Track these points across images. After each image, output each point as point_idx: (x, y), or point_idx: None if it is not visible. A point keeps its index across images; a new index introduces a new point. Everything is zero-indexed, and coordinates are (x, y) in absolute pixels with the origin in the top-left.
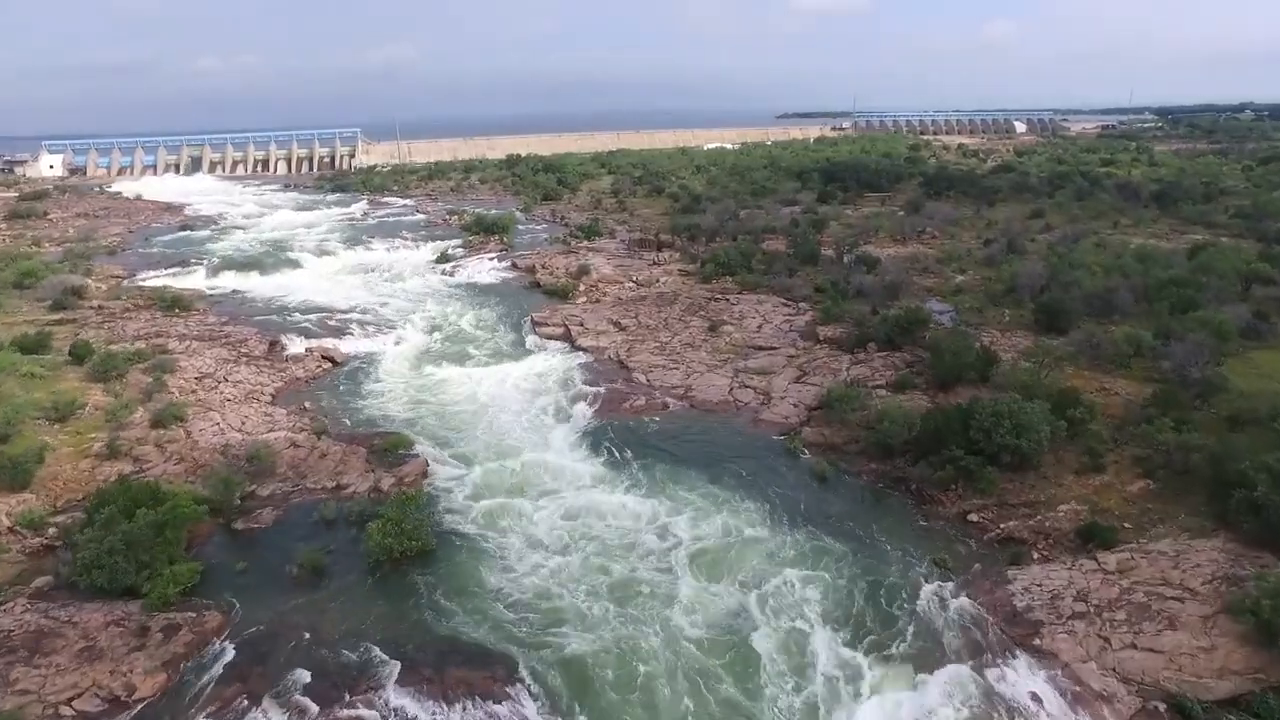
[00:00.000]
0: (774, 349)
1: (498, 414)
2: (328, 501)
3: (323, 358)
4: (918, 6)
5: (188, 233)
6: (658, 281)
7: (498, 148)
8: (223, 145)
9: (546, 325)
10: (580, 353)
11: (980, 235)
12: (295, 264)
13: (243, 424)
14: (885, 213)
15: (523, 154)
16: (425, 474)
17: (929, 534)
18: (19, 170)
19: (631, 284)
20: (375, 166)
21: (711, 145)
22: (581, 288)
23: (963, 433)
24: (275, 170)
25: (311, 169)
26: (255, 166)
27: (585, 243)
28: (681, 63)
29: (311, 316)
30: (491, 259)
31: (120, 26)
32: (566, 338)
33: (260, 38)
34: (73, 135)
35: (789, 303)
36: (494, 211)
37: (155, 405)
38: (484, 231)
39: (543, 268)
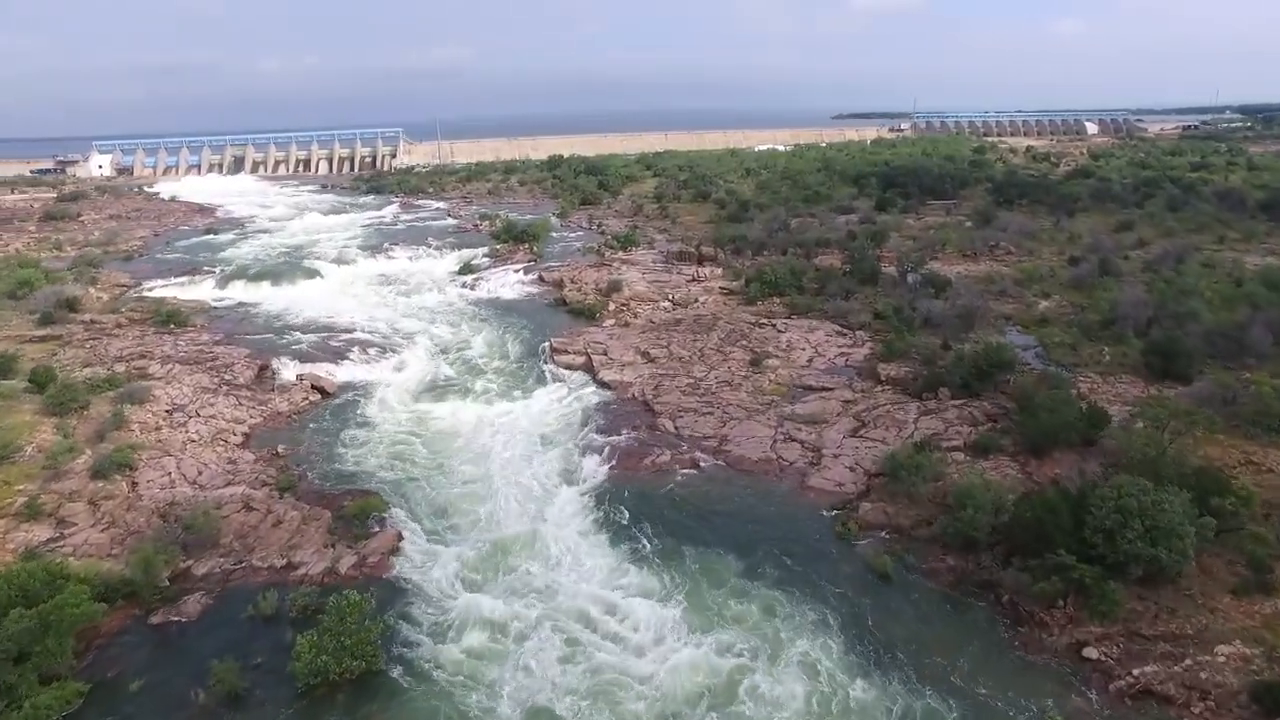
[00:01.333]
0: (827, 390)
1: (496, 467)
2: (269, 590)
3: (312, 388)
4: (979, 6)
5: (211, 236)
6: (696, 301)
7: (541, 148)
8: (265, 145)
9: (566, 353)
10: (601, 388)
11: (1063, 251)
12: (310, 273)
13: (199, 474)
14: (951, 223)
15: (566, 155)
16: (395, 551)
17: (1030, 674)
18: (70, 170)
19: (667, 304)
20: (414, 167)
21: (763, 147)
22: (611, 307)
23: (1073, 530)
24: (316, 170)
25: (353, 169)
26: (297, 166)
27: (620, 253)
28: (733, 63)
29: (312, 336)
30: (518, 271)
31: (188, 29)
32: (587, 368)
33: (320, 39)
34: (142, 134)
35: (845, 330)
36: (527, 217)
37: (103, 449)
38: (513, 240)
39: (571, 282)
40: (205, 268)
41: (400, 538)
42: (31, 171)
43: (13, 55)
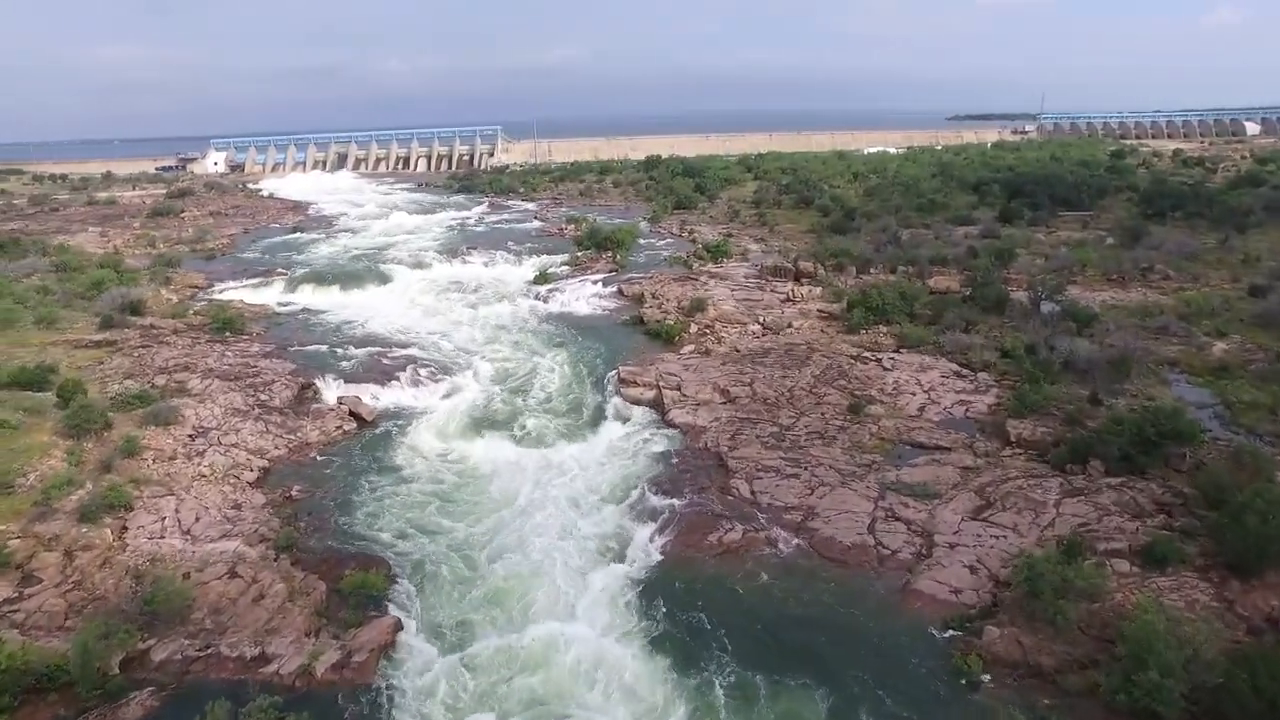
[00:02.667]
0: (941, 451)
1: (531, 531)
2: (220, 701)
3: (350, 414)
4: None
5: (297, 235)
6: (789, 326)
7: (641, 148)
8: (367, 143)
9: (635, 384)
10: (669, 431)
11: (1238, 277)
12: (382, 278)
13: (196, 521)
14: (1090, 240)
15: (664, 155)
16: (388, 647)
17: None
18: (189, 168)
19: (756, 327)
20: (508, 167)
21: (872, 149)
22: (692, 329)
23: None
24: (415, 168)
25: (450, 167)
26: (396, 164)
27: (710, 265)
28: (845, 62)
29: (365, 351)
30: (596, 282)
31: (319, 33)
32: (657, 404)
33: (442, 41)
34: (276, 131)
35: (964, 371)
36: (616, 221)
37: (103, 483)
38: (595, 247)
39: (652, 298)
40: (279, 269)
41: (399, 628)
42: (156, 169)
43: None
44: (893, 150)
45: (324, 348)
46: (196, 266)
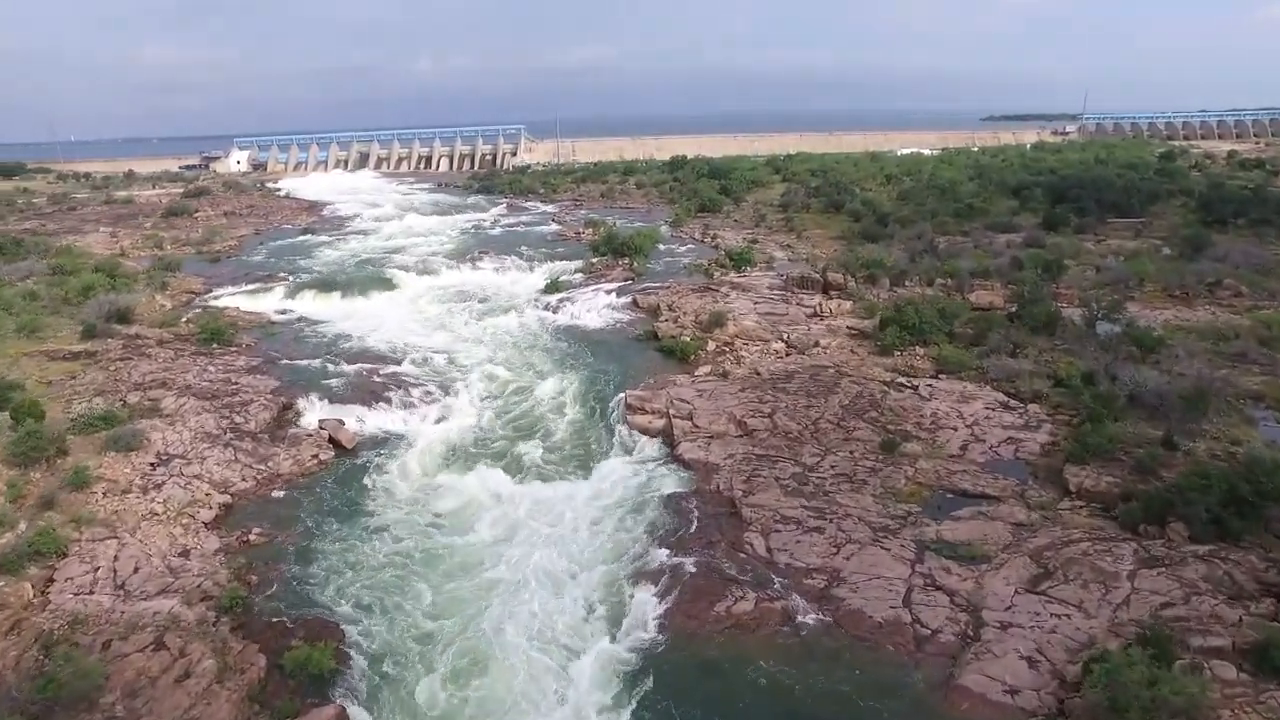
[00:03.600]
0: (989, 501)
1: (513, 591)
2: None
3: (329, 440)
4: None
5: (308, 237)
6: (816, 345)
7: (666, 148)
8: (389, 142)
9: (643, 411)
10: (678, 469)
11: None
12: (386, 284)
13: (134, 573)
14: (1145, 250)
15: (690, 156)
16: None
17: None
18: (212, 166)
19: (779, 345)
20: (529, 167)
21: (906, 150)
22: (710, 346)
23: None
24: (437, 167)
25: (472, 166)
26: (418, 163)
27: (733, 274)
28: (878, 61)
29: (357, 367)
30: (610, 291)
31: (351, 34)
32: (667, 435)
33: (472, 41)
34: (310, 130)
35: (1012, 402)
36: (636, 225)
37: (40, 523)
38: (612, 253)
39: (668, 310)
40: (281, 274)
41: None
42: (180, 167)
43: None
44: (927, 151)
45: (314, 362)
46: (199, 270)
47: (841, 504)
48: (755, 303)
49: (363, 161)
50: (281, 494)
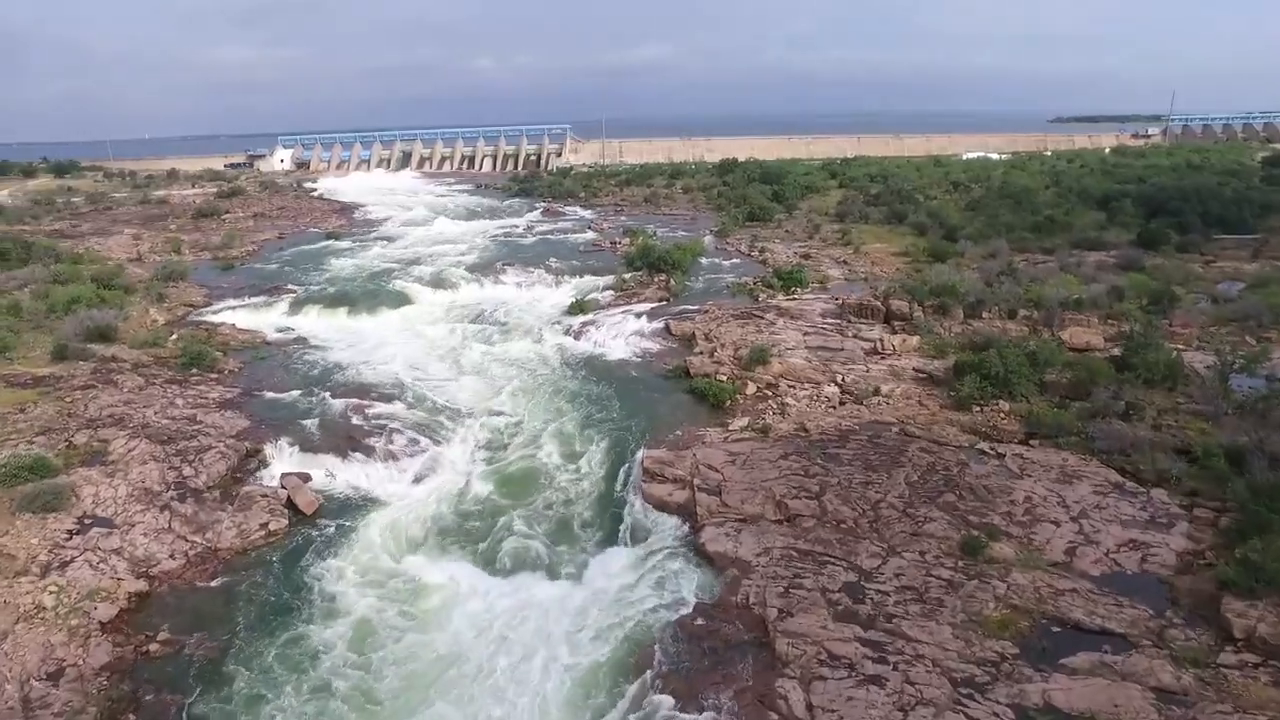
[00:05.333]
0: (1113, 642)
1: None
2: None
3: (287, 502)
4: None
5: (330, 243)
6: (876, 393)
7: (717, 149)
8: (433, 141)
9: (663, 479)
10: (699, 564)
11: None
12: (397, 300)
13: None
14: (1272, 275)
15: (741, 158)
16: None
17: None
18: (256, 165)
19: (832, 389)
20: (572, 168)
21: (972, 154)
22: (750, 389)
23: None
24: (480, 168)
25: (515, 167)
26: (461, 163)
27: (781, 296)
28: (940, 63)
29: (344, 402)
30: (642, 315)
31: (414, 33)
32: (688, 513)
33: (532, 39)
34: (373, 128)
35: (1129, 483)
36: (679, 234)
37: None
38: (648, 267)
39: (704, 339)
40: (289, 286)
41: None
42: (225, 165)
43: (277, 64)
44: (995, 156)
45: (297, 395)
46: (206, 278)
47: (909, 637)
48: (805, 333)
49: (405, 161)
50: (212, 581)
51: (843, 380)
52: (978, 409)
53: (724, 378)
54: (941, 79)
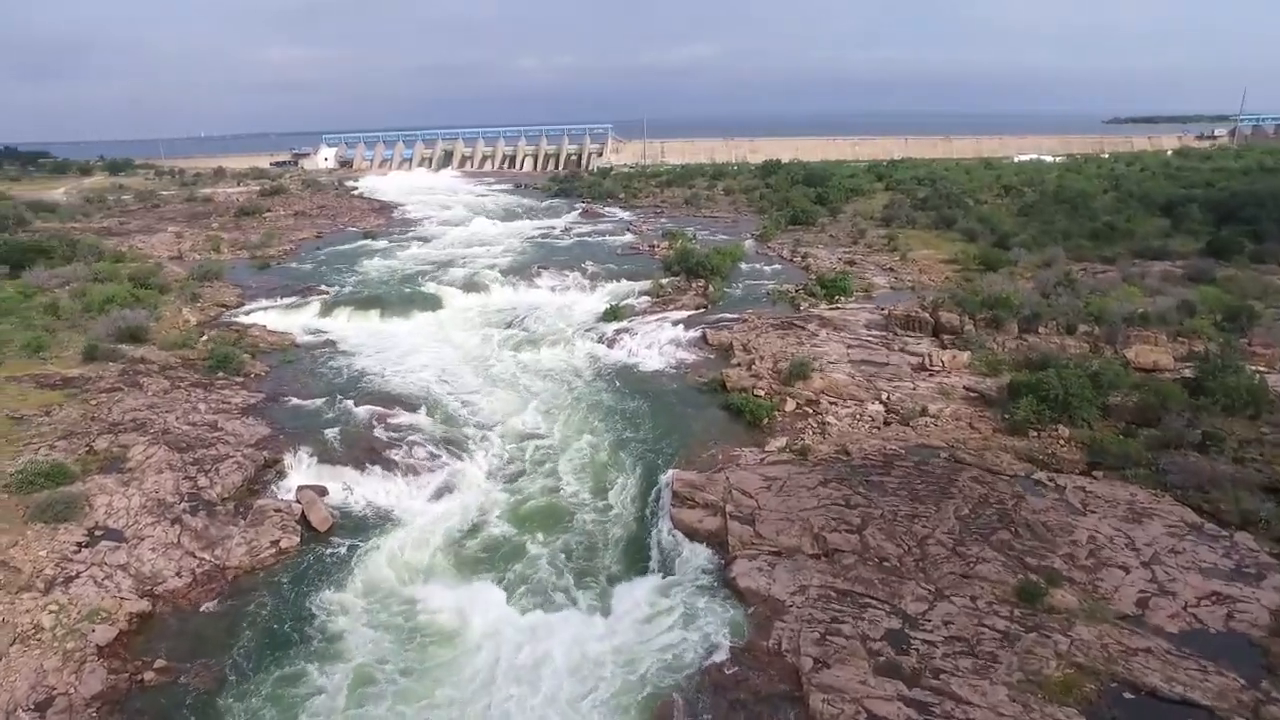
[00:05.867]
0: (1199, 714)
1: None
2: None
3: (299, 519)
4: None
5: (367, 242)
6: (923, 413)
7: (761, 150)
8: (474, 140)
9: (693, 504)
10: (729, 601)
11: None
12: (429, 303)
13: None
14: None
15: (785, 159)
16: None
17: None
18: (300, 163)
19: (877, 408)
20: (612, 168)
21: (1024, 156)
22: (789, 405)
23: None
24: (521, 167)
25: (557, 167)
26: (502, 163)
27: (824, 305)
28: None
29: (368, 410)
30: (678, 322)
31: (460, 33)
32: (719, 542)
33: (576, 39)
34: (417, 127)
35: (1208, 524)
36: (719, 238)
37: None
38: (686, 273)
39: (742, 351)
40: (322, 287)
41: None
42: (271, 164)
43: (326, 64)
44: (1049, 158)
45: (321, 403)
46: (242, 278)
47: (959, 698)
48: (849, 346)
49: (447, 160)
50: (217, 603)
51: (888, 398)
52: (1034, 434)
53: (762, 393)
54: (991, 78)
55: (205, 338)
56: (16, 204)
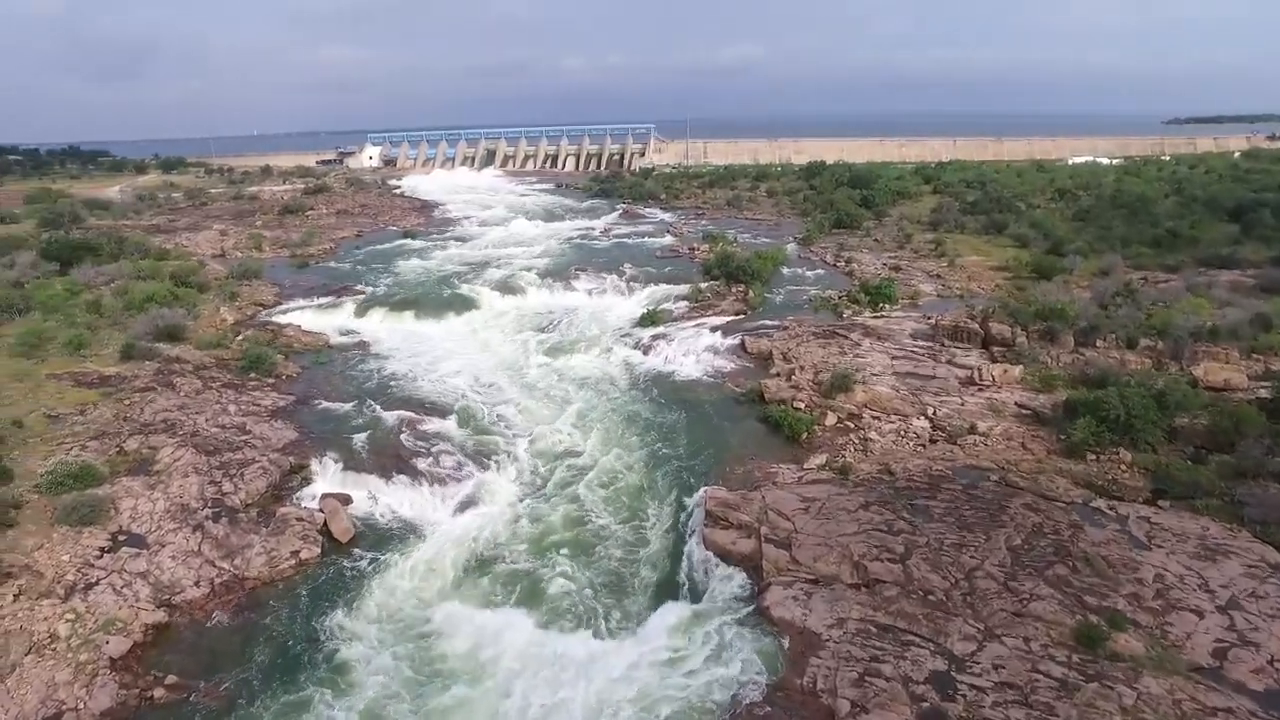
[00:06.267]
0: None
1: None
2: None
3: (321, 529)
4: None
5: (406, 241)
6: (972, 431)
7: (805, 151)
8: (516, 139)
9: (728, 525)
10: (761, 630)
11: None
12: (465, 304)
13: None
14: None
15: (830, 161)
16: None
17: None
18: (346, 161)
19: (923, 423)
20: (654, 169)
21: (1079, 158)
22: (830, 419)
23: None
24: (563, 167)
25: (599, 167)
26: (544, 162)
27: (868, 314)
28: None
29: (396, 415)
30: (716, 329)
31: (505, 32)
32: (753, 566)
33: (626, 38)
34: (462, 126)
35: None
36: (760, 241)
37: None
38: (726, 277)
39: (782, 360)
40: (359, 287)
41: None
42: (318, 162)
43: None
44: (1105, 160)
45: (350, 406)
46: (281, 277)
47: None
48: (893, 357)
49: (489, 159)
50: (233, 615)
51: (934, 414)
52: (1093, 457)
53: (801, 405)
54: (1043, 78)
55: (240, 337)
56: (73, 202)
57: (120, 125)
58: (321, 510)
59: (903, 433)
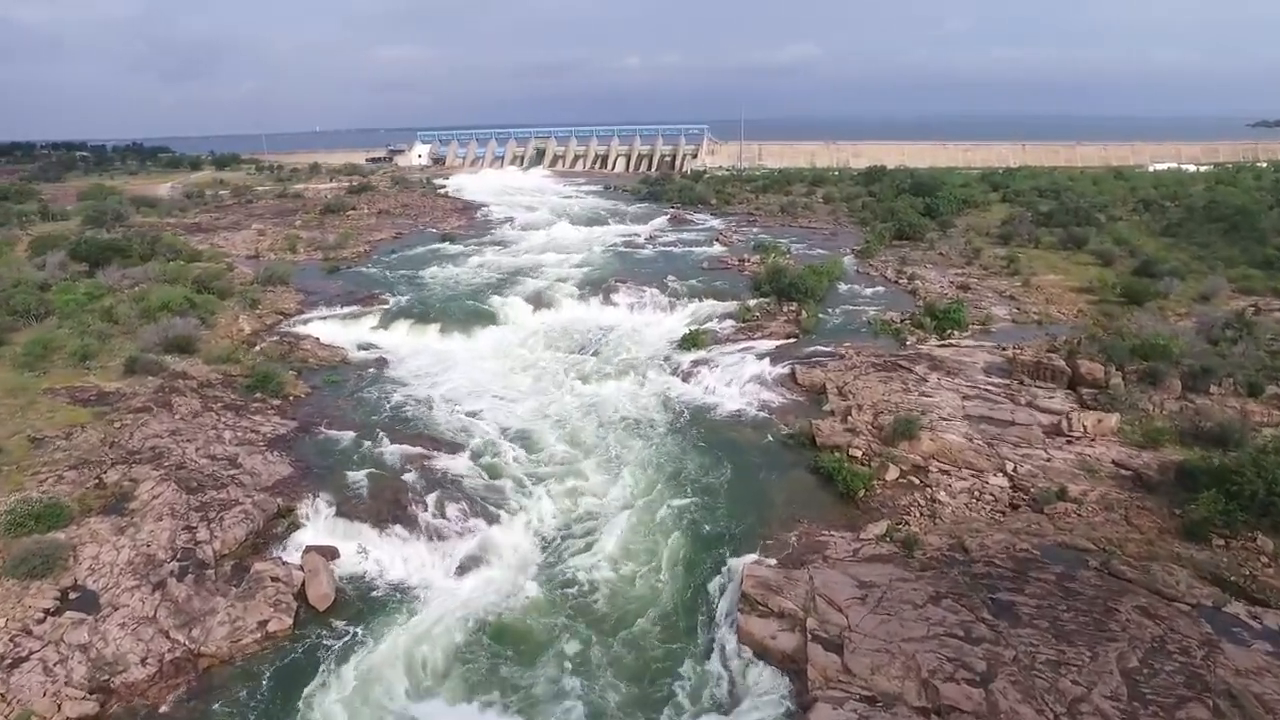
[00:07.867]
0: None
1: None
2: None
3: (298, 593)
4: None
5: (444, 245)
6: (1060, 497)
7: (864, 155)
8: (566, 139)
9: (767, 611)
10: None
11: None
12: (493, 318)
13: None
14: None
15: (890, 165)
16: None
17: None
18: (395, 159)
19: (1000, 480)
20: (705, 171)
21: (1160, 165)
22: (891, 473)
23: None
24: (613, 167)
25: (650, 168)
26: (594, 163)
27: (933, 341)
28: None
29: (402, 451)
30: (765, 355)
31: (563, 31)
32: (796, 671)
33: (683, 37)
34: (517, 125)
35: None
36: (816, 253)
37: None
38: (777, 294)
39: (837, 395)
40: (385, 295)
41: None
42: (366, 160)
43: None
44: (1191, 168)
45: (353, 436)
46: (309, 281)
47: None
48: (964, 396)
49: (538, 159)
50: (175, 706)
51: (1014, 470)
52: (1220, 543)
53: (859, 453)
54: (1115, 79)
55: (255, 349)
56: (121, 199)
57: (186, 122)
58: (302, 567)
59: (977, 493)
